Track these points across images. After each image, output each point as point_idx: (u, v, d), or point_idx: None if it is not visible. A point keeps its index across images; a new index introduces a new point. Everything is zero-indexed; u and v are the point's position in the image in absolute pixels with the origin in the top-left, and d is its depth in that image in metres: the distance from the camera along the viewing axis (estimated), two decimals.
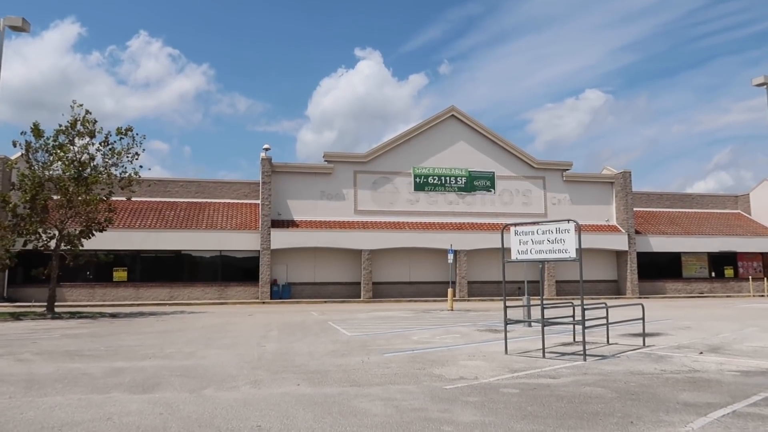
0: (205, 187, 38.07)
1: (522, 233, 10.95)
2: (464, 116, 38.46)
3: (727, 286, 40.25)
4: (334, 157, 36.59)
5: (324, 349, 11.95)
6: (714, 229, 41.49)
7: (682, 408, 6.48)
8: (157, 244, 33.45)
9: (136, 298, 32.59)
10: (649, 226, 40.82)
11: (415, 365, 9.63)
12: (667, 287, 39.43)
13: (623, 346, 12.03)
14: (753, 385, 7.85)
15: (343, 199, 36.35)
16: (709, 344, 12.38)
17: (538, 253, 10.68)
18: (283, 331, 15.77)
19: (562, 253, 10.36)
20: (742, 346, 11.95)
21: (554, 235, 10.49)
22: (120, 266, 33.05)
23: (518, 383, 7.99)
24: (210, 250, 34.24)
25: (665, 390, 7.50)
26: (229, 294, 33.89)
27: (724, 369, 9.16)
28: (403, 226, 36.15)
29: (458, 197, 37.80)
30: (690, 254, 40.13)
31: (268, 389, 7.65)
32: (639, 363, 9.78)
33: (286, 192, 35.62)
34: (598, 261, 39.13)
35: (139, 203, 35.83)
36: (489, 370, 9.16)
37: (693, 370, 9.02)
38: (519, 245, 10.97)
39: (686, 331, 15.39)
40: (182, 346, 12.63)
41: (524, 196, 38.74)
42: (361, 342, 13.18)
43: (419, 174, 37.36)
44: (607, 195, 40.07)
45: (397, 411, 6.37)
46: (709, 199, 45.42)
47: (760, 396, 7.09)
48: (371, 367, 9.42)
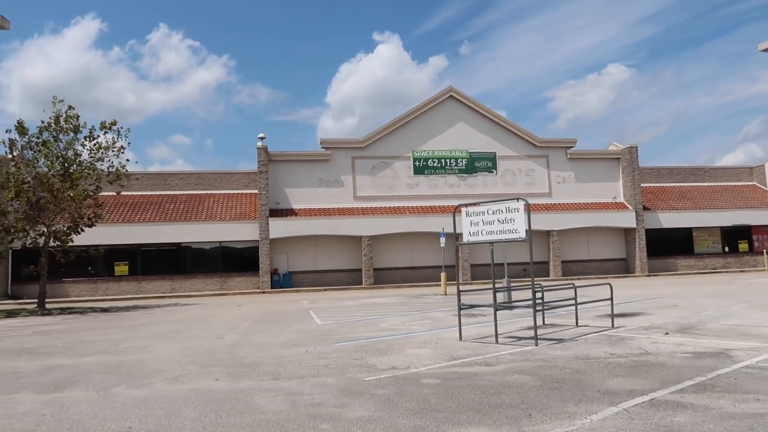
0: (205, 178, 38.02)
1: (473, 214, 10.48)
2: (463, 96, 37.69)
3: (742, 260, 39.05)
4: (332, 143, 36.20)
5: (281, 339, 11.67)
6: (727, 203, 40.21)
7: (598, 397, 6.03)
8: (158, 237, 33.52)
9: (138, 292, 32.79)
10: (659, 202, 39.72)
11: (356, 355, 9.28)
12: (678, 264, 38.40)
13: (590, 329, 11.53)
14: (697, 368, 7.34)
15: (342, 185, 35.99)
16: (682, 324, 11.80)
17: (489, 234, 10.21)
18: (257, 322, 15.55)
19: (512, 233, 9.87)
20: (716, 325, 11.36)
21: (504, 215, 10.00)
22: (121, 261, 33.25)
23: (446, 372, 7.60)
24: (210, 242, 34.22)
25: (597, 376, 7.04)
26: (231, 285, 33.91)
27: (679, 351, 8.63)
28: (404, 210, 35.71)
29: (459, 179, 37.17)
30: (702, 229, 38.97)
31: (182, 385, 7.38)
32: (593, 347, 9.29)
33: (284, 181, 35.38)
34: (606, 239, 38.25)
35: (139, 197, 36.01)
36: (429, 358, 8.77)
37: (644, 353, 8.52)
38: (470, 227, 10.50)
39: (670, 309, 14.77)
40: (142, 340, 12.47)
41: (527, 175, 37.94)
42: (325, 331, 12.88)
43: (419, 157, 36.78)
44: (613, 172, 39.04)
45: (292, 407, 6.03)
46: (723, 172, 44.00)
47: (694, 381, 6.59)
48: (309, 359, 9.10)
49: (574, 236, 37.60)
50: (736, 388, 6.22)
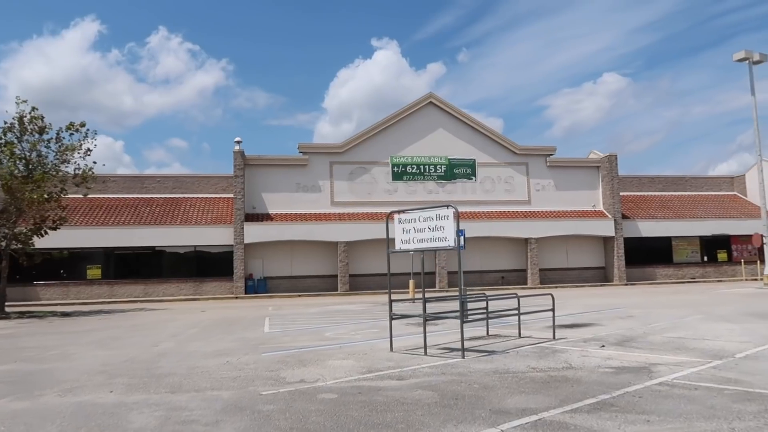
0: (183, 182, 37.70)
1: (405, 221, 10.20)
2: (443, 103, 37.51)
3: (720, 270, 38.90)
4: (309, 148, 35.94)
5: (214, 348, 11.35)
6: (707, 212, 40.10)
7: (485, 416, 5.74)
8: (132, 240, 33.16)
9: (111, 296, 32.38)
10: (639, 211, 39.57)
11: (274, 366, 8.98)
12: (657, 273, 38.21)
13: (530, 340, 11.24)
14: (609, 384, 7.06)
15: (320, 190, 35.71)
16: (626, 336, 11.52)
17: (420, 242, 9.93)
18: (205, 329, 15.22)
19: (442, 241, 9.59)
20: (658, 337, 11.09)
21: (434, 222, 9.72)
22: (94, 264, 32.86)
23: (351, 387, 7.30)
24: (185, 246, 33.85)
25: (501, 393, 6.75)
26: (205, 290, 33.53)
27: (603, 365, 8.35)
28: (381, 216, 35.32)
29: (438, 186, 36.93)
30: (681, 238, 38.83)
31: (71, 398, 7.06)
32: (519, 360, 9.01)
33: (261, 185, 35.08)
34: (585, 247, 38.06)
35: (114, 200, 35.67)
36: (345, 370, 8.47)
37: (567, 368, 8.23)
38: (402, 234, 10.22)
39: (624, 320, 14.50)
40: (76, 347, 12.13)
41: (507, 183, 37.73)
42: (266, 339, 12.57)
43: (397, 163, 36.55)
44: (593, 180, 38.88)
45: (161, 425, 5.72)
46: (704, 182, 43.92)
47: (596, 399, 6.31)
48: (223, 370, 8.79)
49: (553, 244, 37.38)
50: (633, 407, 5.94)
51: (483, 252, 36.96)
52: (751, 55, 28.67)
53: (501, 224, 36.10)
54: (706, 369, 7.86)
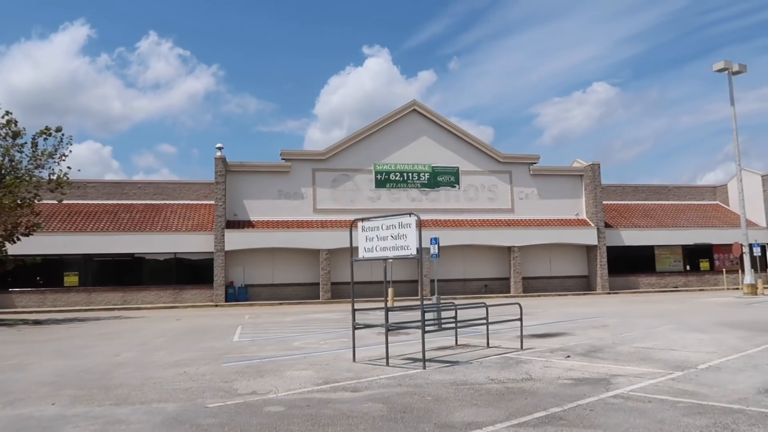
0: (164, 188, 37.36)
1: (368, 229, 10.05)
2: (426, 110, 37.50)
3: (703, 279, 39.05)
4: (292, 155, 35.75)
5: (176, 358, 11.11)
6: (689, 221, 40.29)
7: (429, 430, 5.57)
8: (111, 247, 32.72)
9: (88, 303, 31.89)
10: (622, 220, 39.68)
11: (231, 377, 8.76)
12: (640, 282, 38.28)
13: (497, 350, 11.10)
14: (564, 396, 6.92)
15: (302, 198, 35.51)
16: (594, 346, 11.41)
17: (383, 250, 9.77)
18: (173, 338, 14.95)
19: (404, 249, 9.44)
20: (626, 348, 10.98)
21: (397, 230, 9.58)
22: (71, 271, 32.39)
23: (301, 399, 7.11)
24: (164, 253, 33.46)
25: (452, 406, 6.59)
26: (185, 297, 33.14)
27: (564, 377, 8.21)
28: None
29: (421, 194, 36.85)
30: (664, 247, 38.95)
31: (10, 411, 6.82)
32: (480, 371, 8.85)
33: (242, 192, 34.82)
34: (568, 256, 38.07)
35: (94, 206, 35.26)
36: (301, 382, 8.28)
37: (527, 379, 8.09)
38: (366, 242, 10.07)
39: (597, 329, 14.40)
40: (35, 356, 11.85)
41: (490, 191, 37.70)
42: (231, 349, 12.34)
43: (380, 170, 36.43)
44: (576, 188, 38.95)
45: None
46: (686, 191, 44.17)
47: (547, 412, 6.17)
48: (177, 381, 8.56)
49: (536, 253, 37.37)
50: (582, 421, 5.80)
51: (466, 260, 36.90)
52: (731, 65, 28.89)
53: (484, 232, 36.04)
54: (665, 381, 7.75)
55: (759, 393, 6.83)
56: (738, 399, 6.55)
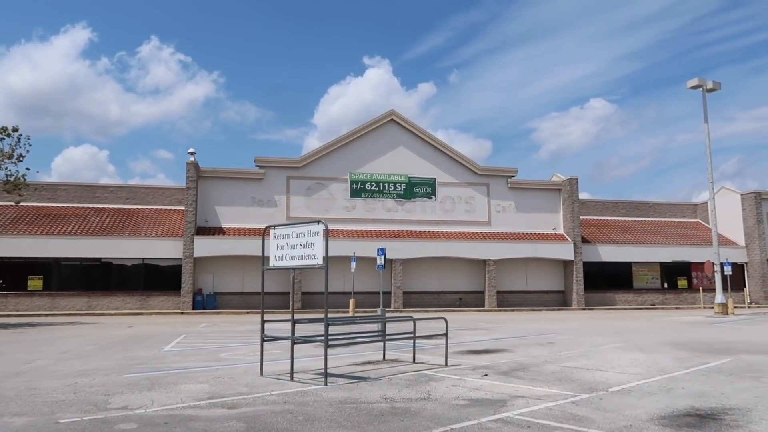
0: (137, 192, 36.88)
1: (279, 237, 9.62)
2: (404, 121, 37.20)
3: (680, 297, 38.65)
4: (266, 162, 35.34)
5: (86, 367, 10.64)
6: (668, 239, 39.94)
7: None
8: (77, 251, 32.16)
9: (52, 308, 31.29)
10: (601, 235, 39.33)
11: (120, 389, 8.29)
12: (616, 298, 37.85)
13: (419, 366, 10.63)
14: (447, 418, 6.47)
15: (275, 205, 35.09)
16: (522, 364, 10.96)
17: (292, 259, 9.34)
18: (106, 346, 14.44)
19: (312, 259, 9.01)
20: (552, 367, 10.53)
21: (305, 238, 9.15)
22: (36, 275, 31.82)
23: (169, 415, 6.65)
24: (132, 258, 32.92)
25: (317, 427, 6.14)
26: (152, 304, 32.57)
27: (462, 397, 7.76)
28: (338, 234, 34.75)
29: (397, 204, 36.44)
30: (641, 264, 38.57)
31: None
32: (382, 388, 8.39)
33: (215, 198, 34.39)
34: (544, 271, 37.65)
35: (63, 209, 34.75)
36: (186, 396, 7.81)
37: (421, 399, 7.63)
38: (276, 250, 9.63)
39: (539, 347, 13.94)
40: None
41: (467, 203, 37.33)
42: (153, 359, 11.86)
43: (356, 180, 36.05)
44: (554, 203, 38.61)
45: None
46: (667, 208, 43.86)
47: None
48: (60, 392, 8.09)
49: (512, 267, 36.95)
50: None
51: (441, 273, 36.45)
52: (705, 83, 28.69)
53: (459, 245, 35.63)
54: (564, 404, 7.30)
55: (650, 420, 6.39)
56: (623, 426, 6.11)
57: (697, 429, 6.00)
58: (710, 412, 6.76)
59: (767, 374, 9.59)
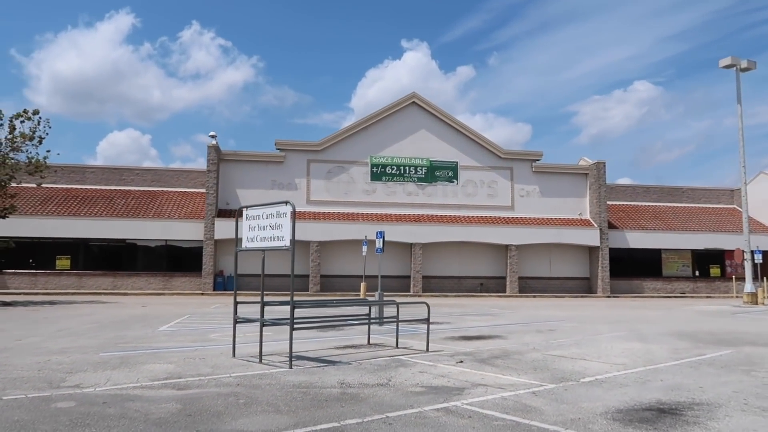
0: (162, 175, 37.49)
1: (251, 218, 9.49)
2: (426, 103, 36.65)
3: (713, 285, 37.26)
4: (286, 145, 35.36)
5: (72, 345, 10.79)
6: (701, 225, 38.47)
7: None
8: (103, 232, 32.94)
9: (79, 287, 32.17)
10: (630, 221, 38.14)
11: (86, 367, 8.34)
12: (644, 286, 36.75)
13: (399, 351, 10.42)
14: (393, 405, 6.24)
15: (296, 188, 35.15)
16: (505, 351, 10.61)
17: (262, 240, 9.22)
18: (104, 325, 14.66)
19: (279, 240, 8.87)
20: (535, 355, 10.15)
21: (274, 220, 9.00)
22: (63, 255, 32.75)
23: (114, 395, 6.61)
24: (156, 240, 33.56)
25: (252, 410, 5.99)
26: (174, 285, 33.18)
27: (425, 383, 7.51)
28: (357, 217, 34.67)
29: (418, 188, 36.05)
30: (672, 251, 37.30)
31: None
32: (348, 373, 8.21)
33: (236, 181, 34.65)
34: (569, 257, 36.79)
35: (91, 191, 35.58)
36: (146, 375, 7.78)
37: (380, 385, 7.41)
38: (249, 231, 9.52)
39: (535, 334, 13.52)
40: None
41: (489, 187, 36.66)
42: (142, 338, 11.98)
43: (377, 163, 35.78)
44: (581, 187, 37.57)
45: None
46: (702, 193, 42.21)
47: (339, 423, 5.51)
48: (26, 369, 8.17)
49: (536, 252, 36.23)
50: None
51: (462, 258, 36.01)
52: (738, 62, 27.27)
53: (481, 229, 35.07)
54: (524, 393, 6.98)
55: (603, 414, 6.02)
56: (570, 419, 5.77)
57: (648, 424, 5.61)
58: (674, 407, 6.35)
59: (761, 368, 9.03)
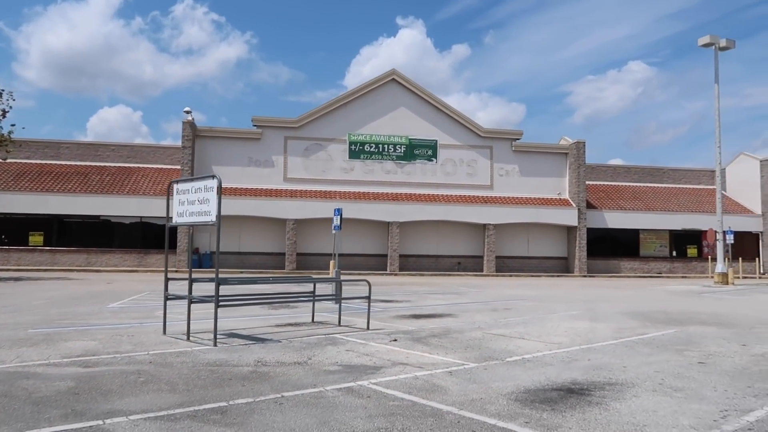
0: (138, 151, 36.99)
1: (181, 192, 9.22)
2: (405, 80, 36.17)
3: (689, 266, 37.39)
4: (263, 121, 34.89)
5: (7, 322, 10.55)
6: (680, 206, 38.47)
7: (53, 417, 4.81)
8: (76, 208, 32.53)
9: (52, 264, 31.88)
10: (609, 201, 38.08)
11: (3, 344, 8.13)
12: (622, 266, 36.83)
13: (338, 329, 10.27)
14: (295, 384, 6.07)
15: (273, 165, 34.77)
16: (448, 329, 10.49)
17: (191, 215, 8.96)
18: (56, 301, 14.45)
19: (206, 215, 8.62)
20: (476, 334, 10.02)
21: (202, 194, 8.74)
22: (36, 231, 32.37)
23: (8, 373, 6.41)
24: (130, 216, 33.21)
25: (140, 390, 5.80)
26: (149, 262, 32.93)
27: (344, 362, 7.35)
28: (334, 195, 34.38)
29: (397, 166, 35.75)
30: (649, 231, 37.33)
31: None
32: (268, 352, 8.04)
33: (212, 158, 34.23)
34: (547, 237, 36.75)
35: (65, 167, 35.08)
36: (60, 353, 7.59)
37: (298, 364, 7.25)
38: (179, 206, 9.25)
39: (490, 312, 13.41)
40: None
41: (469, 166, 36.41)
42: (88, 314, 11.78)
43: (355, 141, 35.40)
44: (561, 167, 37.38)
45: None
46: (683, 174, 42.14)
47: (214, 404, 5.33)
48: None
49: (514, 232, 36.16)
50: (234, 417, 4.96)
51: (440, 236, 35.90)
52: (717, 40, 27.00)
53: (459, 208, 34.90)
54: (440, 373, 6.83)
55: (508, 395, 5.87)
56: (471, 400, 5.62)
57: (548, 405, 5.47)
58: (586, 387, 6.21)
59: (696, 347, 8.94)
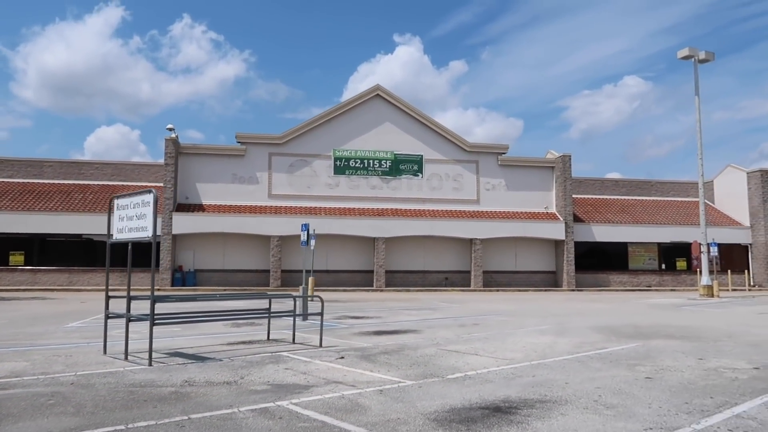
0: (122, 169, 36.80)
1: (121, 207, 8.99)
2: (390, 96, 36.14)
3: (678, 279, 37.08)
4: (247, 138, 34.75)
5: None
6: (668, 218, 38.26)
7: None
8: (58, 227, 32.23)
9: (33, 283, 31.53)
10: (596, 215, 37.87)
11: None
12: (611, 280, 36.51)
13: (290, 347, 9.96)
14: (211, 405, 5.78)
15: (257, 182, 34.54)
16: (405, 345, 10.18)
17: (130, 231, 8.73)
18: (16, 321, 14.17)
19: (143, 231, 8.39)
20: (432, 350, 9.72)
21: (139, 209, 8.51)
22: (17, 250, 32.05)
23: None
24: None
25: (53, 411, 5.51)
26: (132, 281, 32.32)
27: (276, 381, 7.06)
28: (319, 211, 34.17)
29: (382, 182, 35.56)
30: (638, 245, 37.06)
31: None
32: (204, 372, 7.74)
33: (195, 175, 34.00)
34: (535, 251, 36.45)
35: (48, 185, 34.85)
36: None
37: (227, 383, 6.95)
38: (118, 222, 9.02)
39: (457, 328, 13.10)
40: None
41: (455, 181, 36.23)
42: (40, 334, 11.49)
43: (340, 157, 35.26)
44: (547, 181, 37.21)
45: None
46: (671, 187, 42.00)
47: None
48: None
49: (501, 246, 35.87)
50: None
51: (426, 252, 35.61)
52: (696, 53, 27.01)
53: (446, 223, 34.64)
54: (368, 392, 6.53)
55: (429, 414, 5.57)
56: (385, 421, 5.32)
57: (465, 425, 5.18)
58: (516, 405, 5.92)
59: (651, 361, 8.65)
